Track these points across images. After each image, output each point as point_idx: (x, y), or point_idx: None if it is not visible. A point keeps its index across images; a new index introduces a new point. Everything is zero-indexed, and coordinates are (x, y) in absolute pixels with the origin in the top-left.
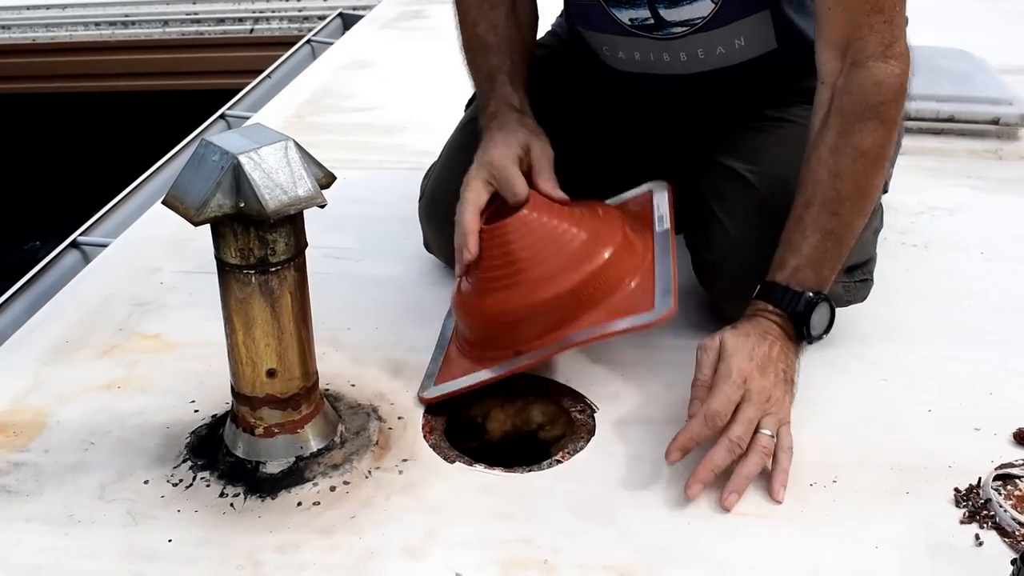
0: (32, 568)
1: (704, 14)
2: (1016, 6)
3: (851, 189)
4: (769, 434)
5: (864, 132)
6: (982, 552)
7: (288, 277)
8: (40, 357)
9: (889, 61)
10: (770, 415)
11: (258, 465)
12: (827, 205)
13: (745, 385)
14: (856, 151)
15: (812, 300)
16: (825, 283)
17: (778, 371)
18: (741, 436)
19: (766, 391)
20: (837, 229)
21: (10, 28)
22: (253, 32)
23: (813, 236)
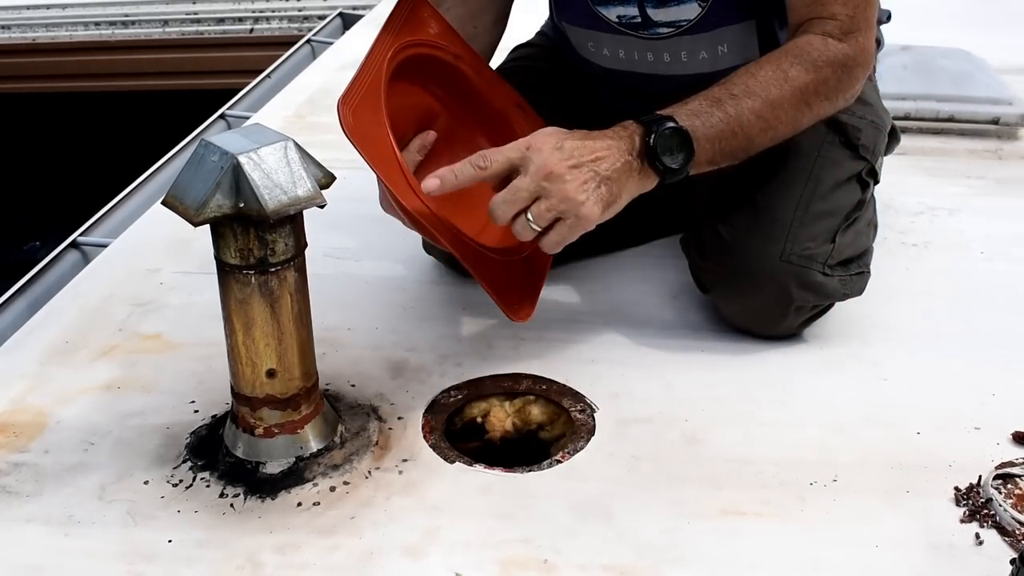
0: (32, 568)
1: (691, 16)
2: (1016, 6)
3: (760, 90)
4: (530, 221)
5: (792, 63)
6: (982, 551)
7: (288, 277)
8: (40, 357)
9: (842, 40)
10: (547, 200)
11: (258, 465)
12: (729, 87)
13: (527, 153)
14: (779, 70)
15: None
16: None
17: (594, 174)
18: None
19: (548, 167)
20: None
21: (10, 28)
22: (253, 32)
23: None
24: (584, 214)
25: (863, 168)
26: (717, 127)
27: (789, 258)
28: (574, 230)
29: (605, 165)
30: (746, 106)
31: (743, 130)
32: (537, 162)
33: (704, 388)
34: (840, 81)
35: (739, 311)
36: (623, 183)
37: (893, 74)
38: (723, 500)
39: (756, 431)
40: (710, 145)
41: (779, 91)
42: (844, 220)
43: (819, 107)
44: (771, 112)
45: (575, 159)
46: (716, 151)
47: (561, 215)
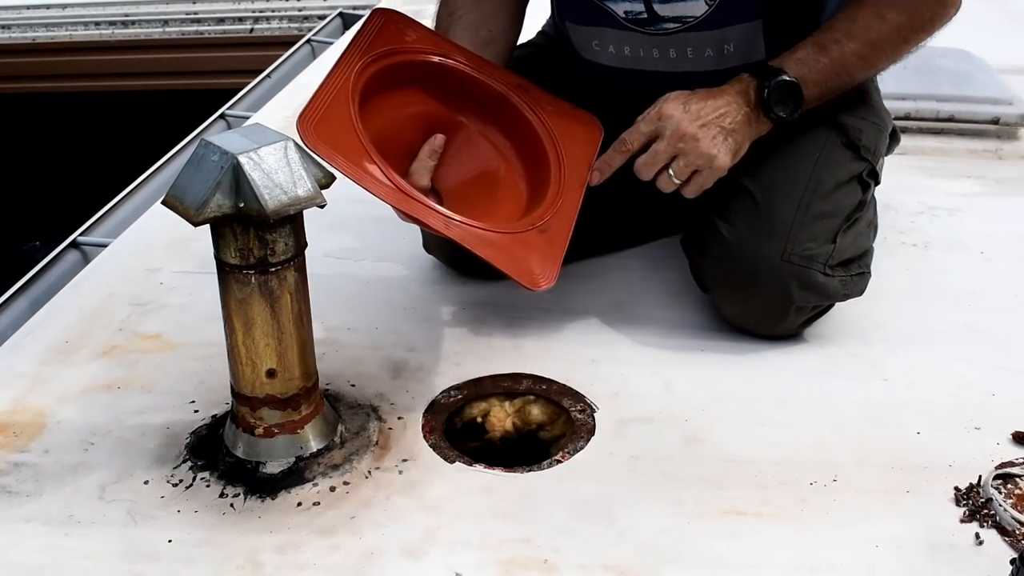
0: (32, 568)
1: (697, 13)
2: (1016, 6)
3: (861, 33)
4: (672, 174)
5: (890, 8)
6: (982, 551)
7: (288, 277)
8: (40, 357)
9: None
10: (685, 157)
11: (258, 465)
12: (832, 34)
13: (660, 122)
14: (880, 19)
15: (782, 73)
16: (802, 77)
17: (721, 128)
18: (642, 164)
19: (682, 131)
20: (831, 50)
21: (10, 28)
22: (253, 32)
23: (809, 48)
24: (718, 165)
25: (864, 169)
26: (823, 72)
27: (790, 258)
28: (710, 178)
29: (728, 120)
30: (849, 49)
31: (846, 70)
32: (671, 127)
33: (704, 388)
34: (935, 13)
35: (739, 311)
36: (744, 132)
37: (893, 74)
38: (723, 500)
39: (756, 431)
40: (817, 88)
41: (878, 32)
42: (845, 221)
43: (916, 40)
44: (871, 52)
45: (702, 119)
46: (823, 91)
47: (698, 168)
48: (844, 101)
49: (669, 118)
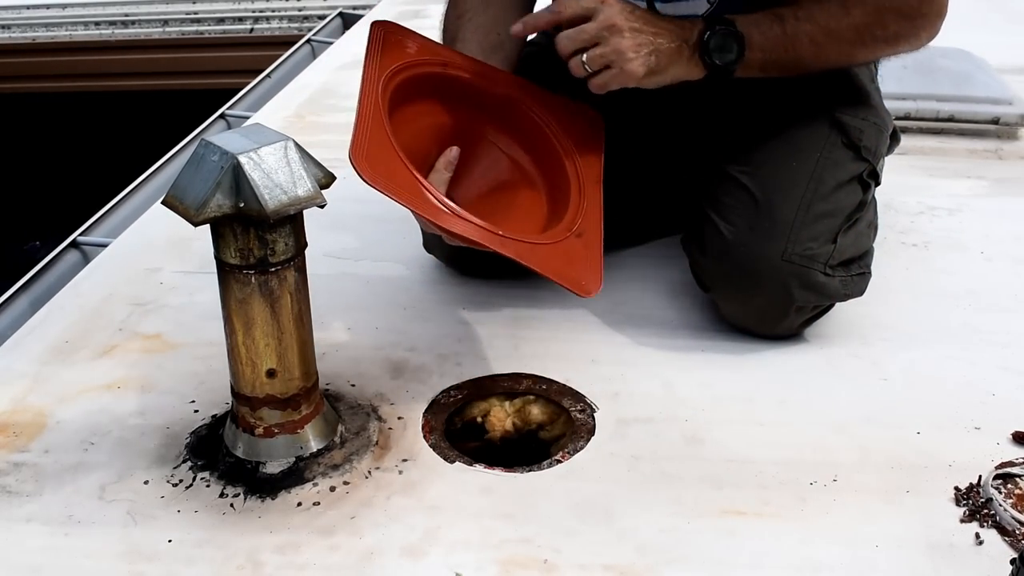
0: (32, 568)
1: (699, 12)
2: (1016, 6)
3: (821, 17)
4: (584, 60)
5: (857, 6)
6: (982, 551)
7: (288, 277)
8: (40, 357)
9: None
10: (604, 47)
11: (258, 465)
12: (793, 9)
13: (601, 5)
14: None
15: (727, 24)
16: (749, 36)
17: (645, 31)
18: (562, 39)
19: (613, 21)
20: (791, 31)
21: (10, 28)
22: (253, 32)
23: (769, 15)
24: (629, 69)
25: (864, 169)
26: (772, 39)
27: (790, 258)
28: (616, 79)
29: (661, 40)
30: (803, 29)
31: (795, 49)
32: (606, 13)
33: (704, 388)
34: (903, 30)
35: (740, 311)
36: (672, 61)
37: (893, 74)
38: (723, 500)
39: (756, 431)
40: (761, 54)
41: (837, 23)
42: (845, 221)
43: (876, 48)
44: (826, 39)
45: (638, 25)
46: (767, 60)
47: (610, 64)
48: (845, 101)
49: (611, 6)
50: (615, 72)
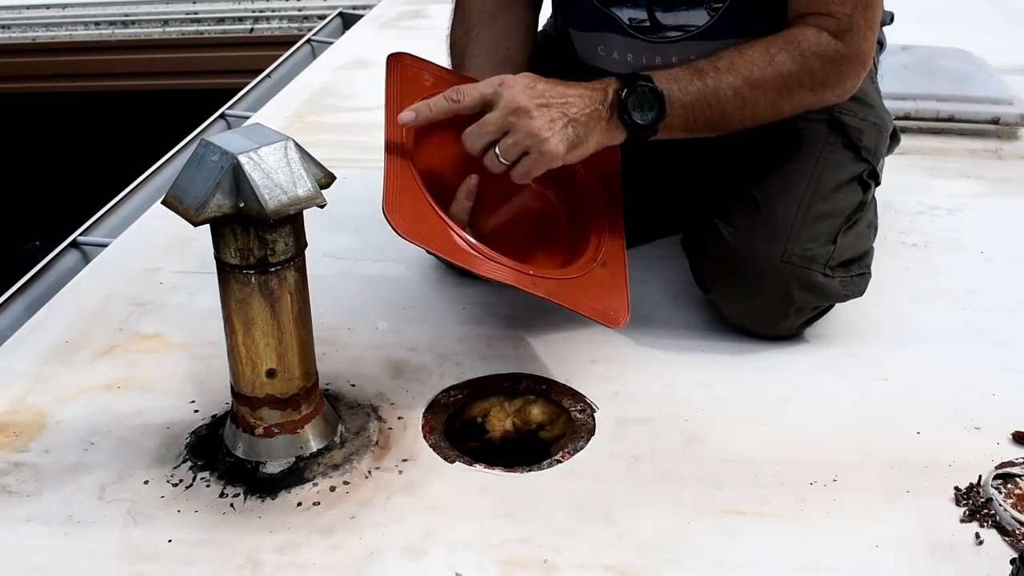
0: (32, 568)
1: (699, 23)
2: (1016, 6)
3: (744, 68)
4: (498, 153)
5: (781, 49)
6: (982, 551)
7: (288, 277)
8: (40, 357)
9: (836, 39)
10: (514, 135)
11: (258, 465)
12: (714, 61)
13: (499, 90)
14: (766, 52)
15: (646, 81)
16: (670, 92)
17: (563, 116)
18: (468, 135)
19: (517, 103)
20: (707, 77)
21: (10, 28)
22: (253, 32)
23: (687, 69)
24: (547, 150)
25: (864, 170)
26: (693, 95)
27: (790, 259)
28: (538, 164)
29: (574, 109)
30: (726, 81)
31: (719, 103)
32: (507, 97)
33: (704, 388)
34: (828, 76)
35: (740, 311)
36: (590, 128)
37: (893, 74)
38: (723, 500)
39: (756, 431)
40: (683, 111)
41: (761, 73)
42: (845, 221)
43: (802, 97)
44: (750, 91)
45: (544, 99)
46: (690, 118)
47: (527, 149)
48: (845, 102)
49: (510, 87)
50: (534, 157)
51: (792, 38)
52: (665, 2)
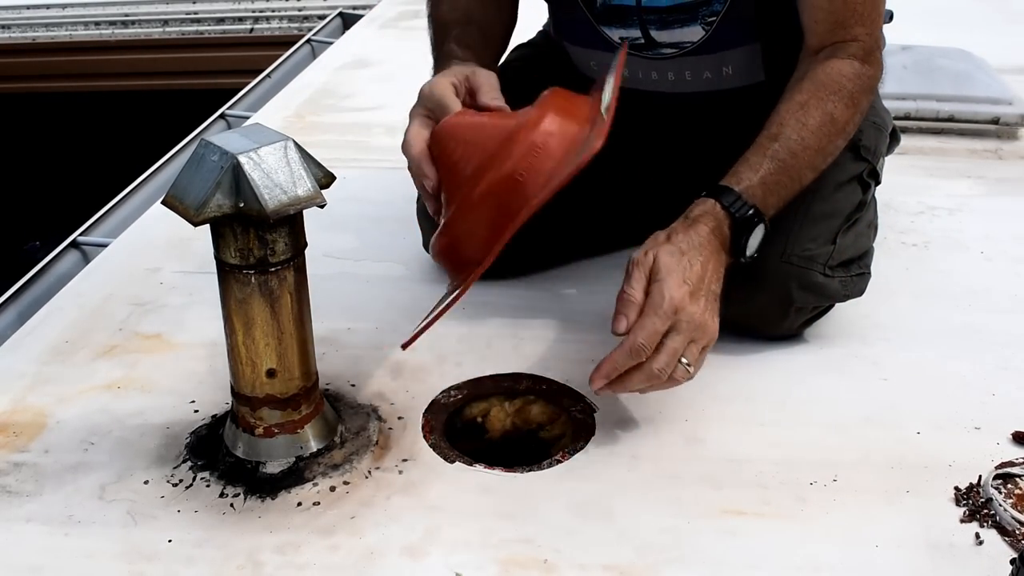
0: (32, 568)
1: (694, 39)
2: (1016, 6)
3: (813, 141)
4: (686, 363)
5: (835, 102)
6: (982, 551)
7: (288, 277)
8: (40, 357)
9: (865, 65)
10: (695, 342)
11: (258, 465)
12: (789, 145)
13: (676, 316)
14: (825, 114)
15: (756, 215)
16: (768, 210)
17: (709, 293)
18: (663, 368)
19: (695, 320)
20: (792, 169)
21: (10, 28)
22: (253, 32)
23: (771, 164)
24: (714, 335)
25: (864, 169)
26: (780, 192)
27: (789, 259)
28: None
29: (715, 280)
30: (805, 164)
31: (800, 184)
32: (686, 319)
33: (704, 388)
34: (867, 98)
35: (739, 312)
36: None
37: (893, 74)
38: (723, 500)
39: (756, 431)
40: (776, 210)
41: (829, 139)
42: (845, 221)
43: (852, 129)
44: (824, 160)
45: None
46: (780, 208)
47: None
48: None
49: (683, 309)
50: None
51: (837, 84)
52: (659, 20)
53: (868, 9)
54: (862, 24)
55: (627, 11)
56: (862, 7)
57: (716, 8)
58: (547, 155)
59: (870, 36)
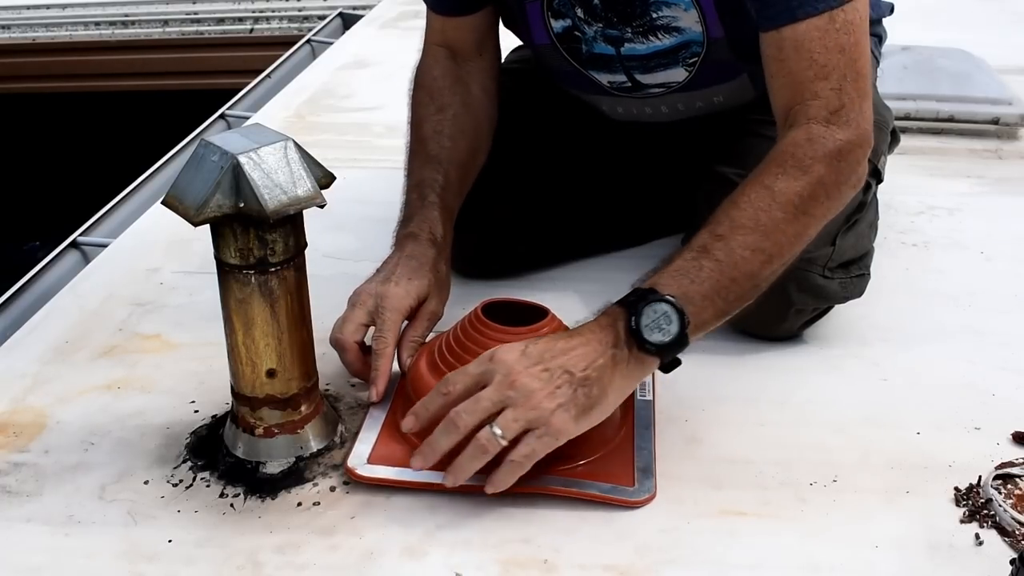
0: (32, 568)
1: (679, 79)
2: (1016, 6)
3: (750, 223)
4: (498, 432)
5: (781, 177)
6: (982, 551)
7: (288, 277)
8: (40, 357)
9: (831, 126)
10: (514, 408)
11: (258, 465)
12: (715, 229)
13: (491, 364)
14: (768, 191)
15: (650, 292)
16: (685, 296)
17: (558, 367)
18: (463, 416)
19: (513, 376)
20: (722, 256)
21: (10, 28)
22: (253, 32)
23: (689, 253)
24: (556, 425)
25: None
26: (710, 279)
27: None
28: (544, 442)
29: (582, 364)
30: (737, 243)
31: (741, 271)
32: (502, 371)
33: (704, 388)
34: (840, 173)
35: (738, 313)
36: (608, 381)
37: (893, 74)
38: (723, 500)
39: (756, 431)
40: (708, 303)
41: (768, 214)
42: (845, 222)
43: (823, 209)
44: (768, 240)
45: (543, 362)
46: (718, 306)
47: (530, 425)
48: None
49: (502, 361)
50: (539, 434)
51: (783, 154)
52: (641, 66)
53: (830, 59)
54: (824, 78)
55: (610, 58)
56: (822, 56)
57: (696, 51)
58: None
59: (836, 92)
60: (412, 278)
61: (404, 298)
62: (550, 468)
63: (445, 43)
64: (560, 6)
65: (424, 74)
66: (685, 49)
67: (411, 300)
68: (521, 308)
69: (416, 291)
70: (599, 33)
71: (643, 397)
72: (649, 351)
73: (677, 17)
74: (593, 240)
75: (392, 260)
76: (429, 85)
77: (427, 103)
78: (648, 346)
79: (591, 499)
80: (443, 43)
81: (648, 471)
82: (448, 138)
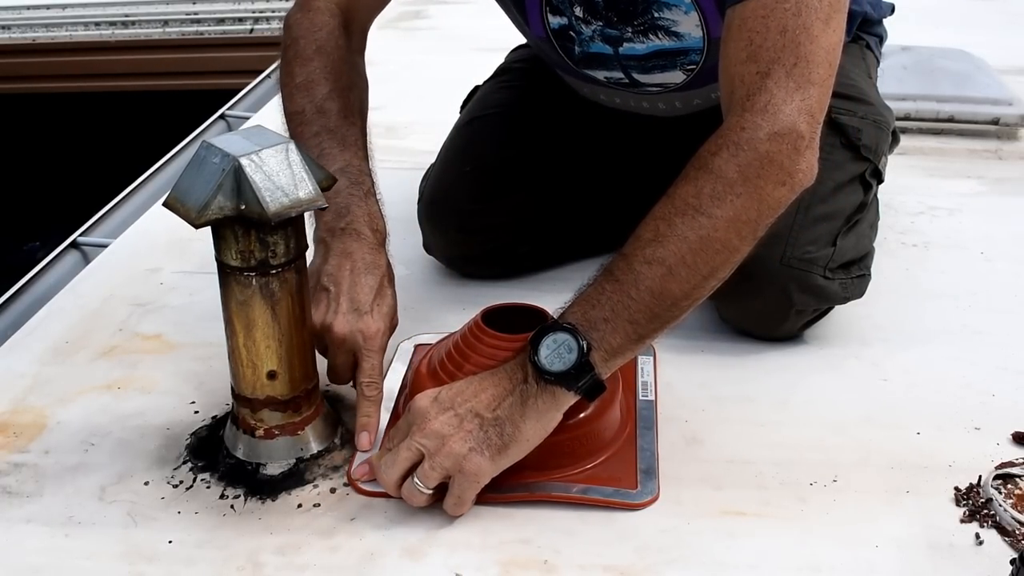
0: (32, 569)
1: (677, 81)
2: (1016, 6)
3: (651, 234)
4: (419, 484)
5: (682, 179)
6: (982, 551)
7: (289, 279)
8: (40, 357)
9: (747, 114)
10: (430, 458)
11: (258, 467)
12: (624, 248)
13: (408, 414)
14: (668, 197)
15: (553, 324)
16: (587, 322)
17: (466, 411)
18: (385, 472)
19: (424, 423)
20: (622, 275)
21: (10, 28)
22: (253, 32)
23: (597, 277)
24: (471, 469)
25: (866, 169)
26: (610, 301)
27: (789, 262)
28: (466, 485)
29: (492, 404)
30: (637, 259)
31: (641, 288)
32: (417, 420)
33: (704, 388)
34: (748, 167)
35: (739, 314)
36: (520, 418)
37: (893, 74)
38: (723, 500)
39: (756, 431)
40: (612, 326)
41: (667, 221)
42: (845, 223)
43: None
44: (664, 248)
45: (455, 408)
46: (627, 329)
47: (447, 472)
48: (841, 101)
49: (411, 411)
50: (459, 480)
51: (698, 156)
52: (639, 66)
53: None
54: (753, 60)
55: (607, 58)
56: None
57: (694, 59)
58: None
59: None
60: (380, 302)
61: (385, 333)
62: (553, 473)
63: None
64: (559, 3)
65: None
66: (683, 56)
67: (390, 332)
68: (522, 311)
69: (389, 316)
70: (598, 32)
71: (645, 398)
72: (550, 381)
73: (677, 21)
74: (595, 240)
75: (345, 268)
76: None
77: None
78: (547, 376)
79: (595, 504)
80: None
81: (651, 472)
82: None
